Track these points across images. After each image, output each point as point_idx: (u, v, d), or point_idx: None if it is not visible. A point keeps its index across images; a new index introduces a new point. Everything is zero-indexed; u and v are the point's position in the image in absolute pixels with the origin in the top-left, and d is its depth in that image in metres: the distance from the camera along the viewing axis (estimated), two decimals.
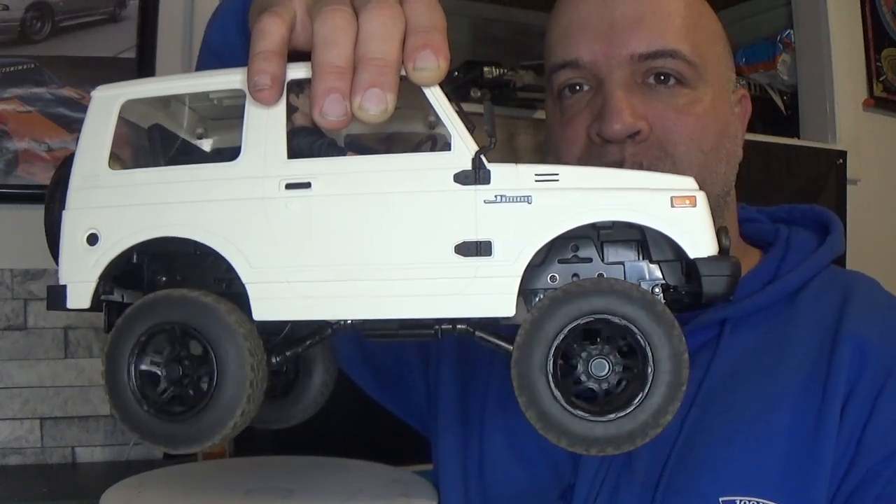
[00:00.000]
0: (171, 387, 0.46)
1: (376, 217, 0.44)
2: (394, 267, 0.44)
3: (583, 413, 0.42)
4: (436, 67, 0.45)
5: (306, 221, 0.45)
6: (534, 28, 2.48)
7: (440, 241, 0.44)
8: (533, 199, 0.44)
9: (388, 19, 0.45)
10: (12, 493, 1.31)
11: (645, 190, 0.43)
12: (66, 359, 1.49)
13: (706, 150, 0.75)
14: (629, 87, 0.74)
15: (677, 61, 0.74)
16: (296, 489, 0.67)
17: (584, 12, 0.77)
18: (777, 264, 0.80)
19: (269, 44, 0.45)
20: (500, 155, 1.80)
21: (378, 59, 0.44)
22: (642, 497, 0.73)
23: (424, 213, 0.44)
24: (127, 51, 1.52)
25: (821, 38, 2.21)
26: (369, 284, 0.44)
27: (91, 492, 0.85)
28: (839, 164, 2.20)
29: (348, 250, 0.44)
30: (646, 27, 0.74)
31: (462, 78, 1.87)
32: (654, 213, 0.43)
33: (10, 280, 1.46)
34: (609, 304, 0.42)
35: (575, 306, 0.43)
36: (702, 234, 0.43)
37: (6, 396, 1.45)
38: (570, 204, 0.43)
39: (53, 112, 1.48)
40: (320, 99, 0.44)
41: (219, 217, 0.46)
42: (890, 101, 2.35)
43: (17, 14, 1.47)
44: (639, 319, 0.42)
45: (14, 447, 1.45)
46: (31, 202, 1.47)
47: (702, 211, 0.44)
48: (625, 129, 0.72)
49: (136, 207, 0.47)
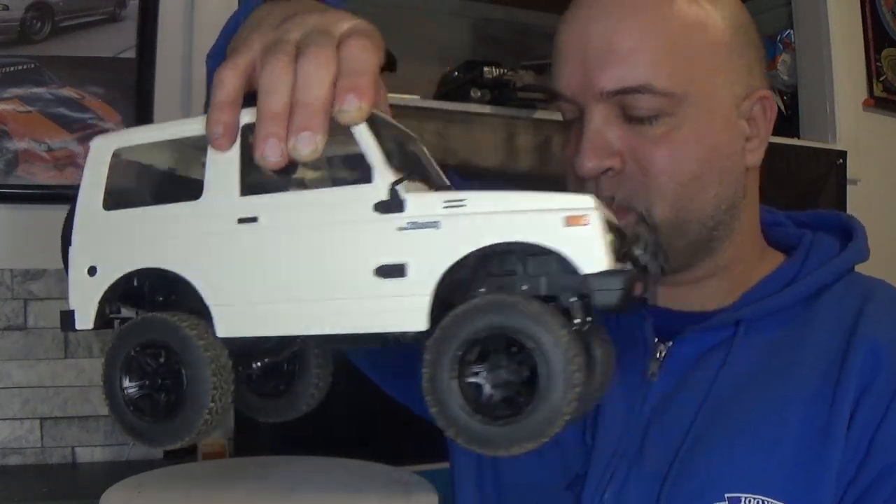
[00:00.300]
0: (151, 393, 0.54)
1: (310, 245, 0.51)
2: (327, 289, 0.51)
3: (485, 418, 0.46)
4: (357, 109, 0.49)
5: (256, 251, 0.52)
6: (534, 28, 2.48)
7: (363, 265, 0.50)
8: (441, 224, 0.49)
9: (320, 65, 0.50)
10: (12, 493, 1.31)
11: (543, 211, 0.48)
12: (66, 359, 1.49)
13: (684, 182, 0.75)
14: (607, 120, 0.74)
15: (649, 96, 0.73)
16: (296, 489, 0.67)
17: (565, 39, 0.77)
18: (798, 268, 0.80)
19: (223, 95, 0.51)
20: (501, 155, 1.80)
21: (309, 104, 0.49)
22: (650, 489, 0.74)
23: (349, 240, 0.50)
24: (127, 51, 1.52)
25: (821, 38, 2.21)
26: (309, 304, 0.52)
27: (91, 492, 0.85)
28: (839, 164, 2.20)
29: (291, 275, 0.52)
30: (616, 62, 0.73)
31: (462, 78, 1.88)
32: (548, 233, 0.47)
33: (10, 280, 1.46)
34: (503, 319, 0.46)
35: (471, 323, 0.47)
36: (593, 251, 0.46)
37: (6, 396, 1.45)
38: (473, 228, 0.48)
39: (53, 112, 1.48)
40: (261, 143, 0.49)
41: (186, 250, 0.54)
42: (890, 101, 2.35)
43: (17, 14, 1.47)
44: (527, 329, 0.46)
45: (14, 447, 1.45)
46: (31, 202, 1.47)
47: (593, 229, 0.47)
48: (592, 170, 0.74)
49: (122, 244, 0.56)
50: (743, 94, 0.78)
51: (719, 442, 0.73)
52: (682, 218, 0.75)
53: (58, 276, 1.48)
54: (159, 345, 0.53)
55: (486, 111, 1.79)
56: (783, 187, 2.11)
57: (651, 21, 0.73)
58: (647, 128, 0.74)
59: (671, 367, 0.79)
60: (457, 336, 0.47)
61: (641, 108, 0.73)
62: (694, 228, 0.76)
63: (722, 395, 0.75)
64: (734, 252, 0.81)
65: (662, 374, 0.79)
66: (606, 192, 0.74)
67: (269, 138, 0.49)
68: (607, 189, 0.74)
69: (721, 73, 0.76)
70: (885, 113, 2.36)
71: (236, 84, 0.52)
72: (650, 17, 0.74)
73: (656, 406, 0.78)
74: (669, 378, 0.78)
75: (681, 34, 0.74)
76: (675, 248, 0.75)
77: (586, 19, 0.75)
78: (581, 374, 0.45)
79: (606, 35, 0.73)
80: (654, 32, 0.73)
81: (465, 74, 1.87)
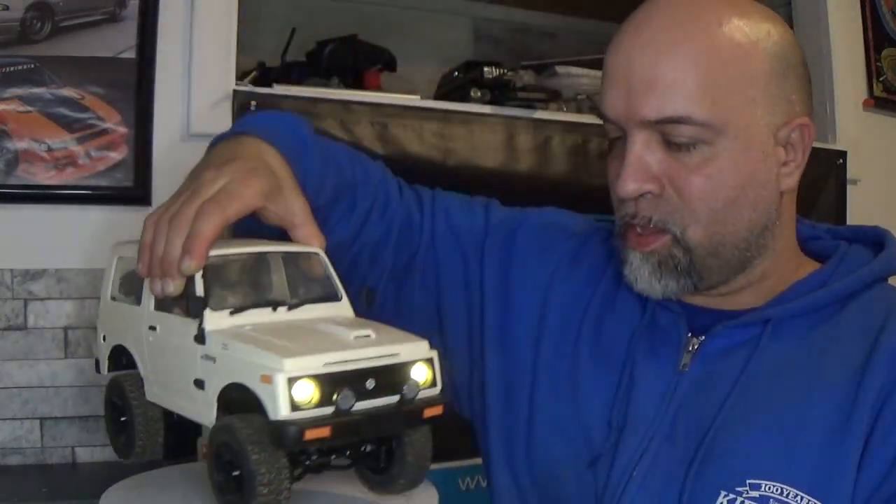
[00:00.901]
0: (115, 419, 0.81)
1: (174, 354, 0.71)
2: (178, 385, 0.71)
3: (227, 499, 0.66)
4: (186, 267, 0.67)
5: (154, 348, 0.75)
6: (534, 28, 2.49)
7: (190, 375, 0.69)
8: (217, 360, 0.67)
9: (176, 229, 0.69)
10: (12, 493, 1.31)
11: (256, 366, 0.63)
12: (66, 359, 1.49)
13: (718, 208, 0.79)
14: (647, 146, 0.79)
15: (689, 127, 0.77)
16: (296, 488, 0.67)
17: (612, 64, 0.81)
18: (829, 274, 0.85)
19: (144, 238, 0.71)
20: (501, 155, 1.80)
21: (166, 260, 0.69)
22: (677, 469, 0.80)
23: (186, 357, 0.70)
24: (127, 51, 1.52)
25: (821, 38, 2.21)
26: (172, 392, 0.73)
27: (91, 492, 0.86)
28: (839, 164, 2.20)
29: (166, 370, 0.73)
30: (657, 93, 0.77)
31: (462, 78, 1.87)
32: (256, 383, 0.63)
33: (10, 280, 1.46)
34: (226, 437, 0.64)
35: (214, 434, 0.66)
36: (275, 402, 0.61)
37: (6, 396, 1.45)
38: (229, 367, 0.66)
39: (53, 112, 1.48)
40: (148, 283, 0.71)
41: (133, 337, 0.78)
42: (890, 101, 2.35)
43: (17, 14, 1.47)
44: (236, 446, 0.63)
45: (14, 447, 1.46)
46: (31, 202, 1.47)
47: (276, 387, 0.61)
48: (630, 193, 0.80)
49: (114, 324, 0.82)
50: (781, 122, 0.80)
51: (744, 430, 0.78)
52: (715, 241, 0.81)
53: (58, 276, 1.48)
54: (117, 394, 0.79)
55: (486, 111, 1.79)
56: None
57: (693, 54, 0.77)
58: (686, 155, 0.78)
59: (702, 359, 0.84)
60: (212, 441, 0.66)
61: (681, 137, 0.78)
62: (727, 250, 0.81)
63: (749, 385, 0.80)
64: (768, 267, 0.85)
65: (694, 365, 0.84)
66: (644, 212, 0.81)
67: (153, 279, 0.70)
68: (645, 210, 0.81)
69: (760, 103, 0.79)
70: (885, 113, 2.35)
71: (148, 238, 0.71)
72: (693, 50, 0.77)
73: (687, 392, 0.83)
74: (700, 368, 0.84)
75: (721, 67, 0.77)
76: (708, 267, 0.82)
77: (631, 48, 0.79)
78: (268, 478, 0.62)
79: (649, 66, 0.77)
80: (695, 65, 0.77)
81: (465, 74, 1.86)
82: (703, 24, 0.78)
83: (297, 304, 0.73)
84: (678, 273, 0.82)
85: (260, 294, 0.74)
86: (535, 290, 0.97)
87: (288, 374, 0.61)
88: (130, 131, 1.51)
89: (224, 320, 0.69)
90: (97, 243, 1.50)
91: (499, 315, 0.97)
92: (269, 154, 0.80)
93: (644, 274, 0.83)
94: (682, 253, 0.81)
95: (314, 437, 0.62)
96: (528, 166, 1.81)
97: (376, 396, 0.65)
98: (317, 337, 0.68)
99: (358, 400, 0.64)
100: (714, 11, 0.78)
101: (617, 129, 0.82)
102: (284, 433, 0.61)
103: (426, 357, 0.69)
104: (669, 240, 0.81)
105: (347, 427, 0.64)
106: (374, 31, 1.95)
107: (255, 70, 1.71)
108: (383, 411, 0.66)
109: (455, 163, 1.74)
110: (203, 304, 0.68)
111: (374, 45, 1.88)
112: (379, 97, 1.73)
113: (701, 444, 0.79)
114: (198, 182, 0.74)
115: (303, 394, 0.62)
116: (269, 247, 0.76)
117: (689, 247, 0.81)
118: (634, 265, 0.83)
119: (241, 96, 1.54)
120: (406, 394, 0.67)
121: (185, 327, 0.70)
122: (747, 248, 0.82)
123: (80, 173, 1.49)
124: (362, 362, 0.65)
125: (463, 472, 1.68)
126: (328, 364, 0.63)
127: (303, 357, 0.63)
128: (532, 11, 2.48)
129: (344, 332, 0.67)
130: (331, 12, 2.20)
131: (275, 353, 0.63)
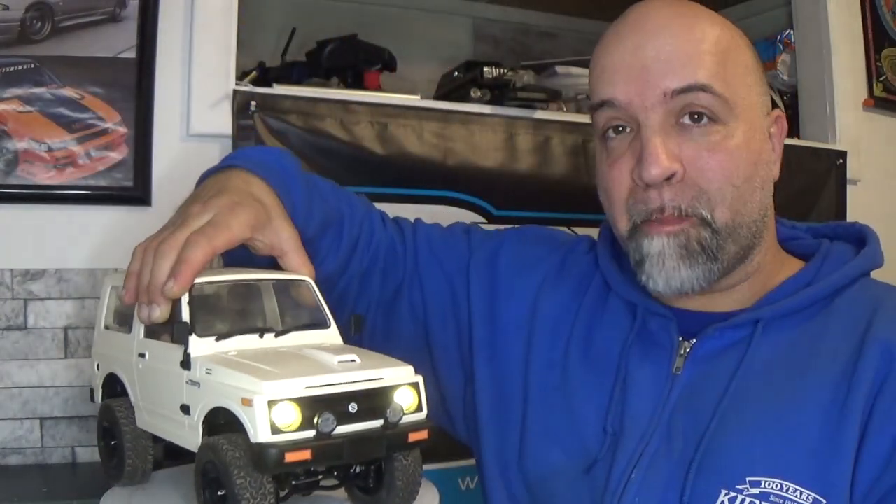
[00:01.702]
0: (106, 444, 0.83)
1: (163, 380, 0.73)
2: (166, 411, 0.73)
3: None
4: (170, 291, 0.69)
5: (143, 375, 0.76)
6: (534, 28, 2.49)
7: (177, 401, 0.71)
8: (201, 385, 0.68)
9: (163, 256, 0.71)
10: (12, 493, 1.31)
11: (237, 389, 0.64)
12: (66, 359, 1.49)
13: (739, 185, 0.82)
14: (664, 130, 0.81)
15: (709, 96, 0.80)
16: None
17: (618, 57, 0.83)
18: (815, 272, 0.86)
19: (132, 267, 0.74)
20: (501, 155, 1.80)
21: (151, 286, 0.70)
22: (676, 471, 0.81)
23: (173, 383, 0.71)
24: (127, 51, 1.52)
25: (821, 38, 2.21)
26: (160, 418, 0.75)
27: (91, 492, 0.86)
28: (839, 164, 2.19)
29: (154, 396, 0.75)
30: (677, 65, 0.80)
31: (462, 78, 1.87)
32: (237, 406, 0.64)
33: (10, 280, 1.46)
34: (211, 458, 0.66)
35: (201, 453, 0.68)
36: (255, 425, 0.62)
37: (6, 396, 1.45)
38: (213, 391, 0.67)
39: (53, 112, 1.47)
40: (136, 311, 0.73)
41: (123, 365, 0.80)
42: (890, 101, 2.35)
43: (17, 14, 1.47)
44: (220, 466, 0.64)
45: (14, 447, 1.45)
46: (31, 202, 1.47)
47: (256, 410, 0.62)
48: (661, 173, 0.79)
49: (106, 352, 0.84)
50: (765, 112, 0.87)
51: (740, 428, 0.79)
52: (737, 221, 0.83)
53: (58, 276, 1.48)
54: (107, 419, 0.81)
55: (486, 111, 1.79)
56: (783, 187, 2.10)
57: (705, 35, 0.82)
58: (702, 136, 0.81)
59: (695, 362, 0.85)
60: (199, 459, 0.68)
61: (702, 108, 0.80)
62: (743, 232, 0.84)
63: (743, 385, 0.81)
64: (761, 259, 0.88)
65: (686, 368, 0.85)
66: (673, 202, 0.81)
67: (140, 306, 0.72)
68: (673, 199, 0.81)
69: (755, 89, 0.85)
70: (885, 113, 2.35)
71: (135, 269, 0.73)
72: (704, 32, 0.82)
73: (682, 395, 0.84)
74: (693, 371, 0.85)
75: (726, 51, 0.83)
76: (727, 251, 0.83)
77: (640, 37, 0.83)
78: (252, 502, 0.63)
79: (666, 47, 0.81)
80: (707, 47, 0.82)
81: (465, 74, 1.86)
82: (705, 16, 0.84)
83: (285, 331, 0.74)
84: (706, 257, 0.82)
85: (247, 321, 0.75)
86: (522, 304, 0.98)
87: (268, 397, 0.62)
88: (130, 131, 1.51)
89: (209, 346, 0.70)
90: (97, 243, 1.50)
91: (488, 332, 0.98)
92: (257, 185, 0.81)
93: (671, 261, 0.82)
94: (711, 234, 0.82)
95: (295, 460, 0.62)
96: (528, 166, 1.81)
97: (359, 420, 0.66)
98: (300, 361, 0.69)
99: (340, 423, 0.64)
100: (704, 9, 0.86)
101: (623, 119, 0.83)
102: (265, 456, 0.61)
103: (411, 381, 0.69)
104: (697, 221, 0.81)
105: (329, 450, 0.64)
106: (374, 31, 1.95)
107: (255, 70, 1.71)
108: (366, 435, 0.66)
109: (455, 163, 1.74)
110: (189, 330, 0.70)
111: (374, 45, 1.88)
112: (379, 97, 1.73)
113: (699, 445, 0.80)
114: (186, 214, 0.76)
115: (283, 417, 0.62)
116: (257, 275, 0.78)
117: (716, 228, 0.82)
118: (659, 252, 0.82)
119: (241, 96, 1.54)
120: (390, 418, 0.67)
121: (172, 353, 0.71)
122: (755, 233, 0.85)
123: (80, 173, 1.49)
124: (345, 386, 0.65)
125: (463, 472, 1.68)
126: (309, 387, 0.64)
127: (283, 380, 0.63)
128: (532, 11, 2.48)
129: (328, 357, 0.68)
130: (331, 12, 2.20)
131: (255, 377, 0.64)
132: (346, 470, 0.71)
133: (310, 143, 1.59)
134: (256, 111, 1.53)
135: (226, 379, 0.66)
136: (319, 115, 1.60)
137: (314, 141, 1.59)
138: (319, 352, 0.70)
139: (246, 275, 0.77)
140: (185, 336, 0.70)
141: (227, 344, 0.71)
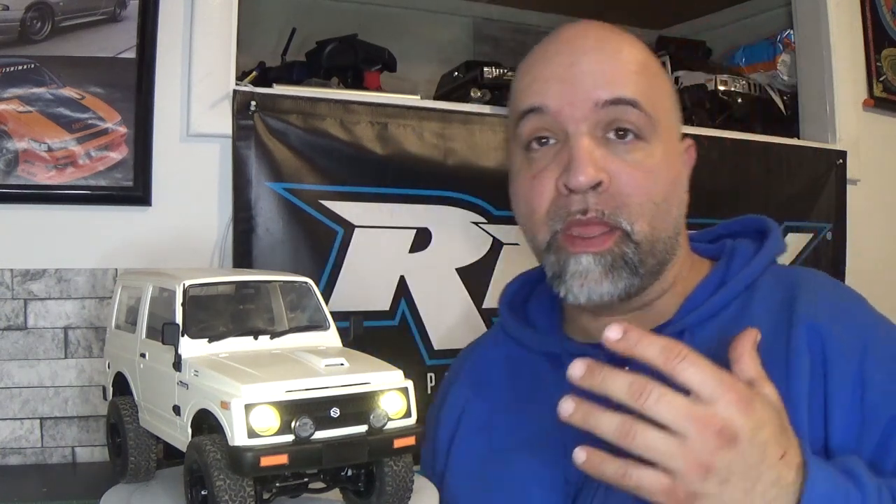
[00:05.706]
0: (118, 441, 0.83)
1: (158, 380, 0.74)
2: (163, 409, 0.74)
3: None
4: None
5: (144, 374, 0.78)
6: (534, 28, 2.49)
7: (169, 402, 0.72)
8: (189, 386, 0.69)
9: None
10: (12, 493, 1.31)
11: (218, 392, 0.65)
12: (66, 359, 1.49)
13: (658, 202, 0.85)
14: (592, 138, 0.83)
15: (637, 112, 0.83)
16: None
17: (549, 70, 0.86)
18: (723, 272, 0.90)
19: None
20: (501, 155, 1.80)
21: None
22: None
23: (166, 383, 0.72)
24: (127, 51, 1.52)
25: (821, 38, 2.21)
26: (158, 417, 0.76)
27: (91, 492, 0.86)
28: (839, 164, 2.19)
29: (152, 396, 0.76)
30: (608, 78, 0.84)
31: (462, 78, 1.88)
32: (217, 409, 0.64)
33: (10, 280, 1.46)
34: (196, 458, 0.66)
35: (189, 452, 0.68)
36: (232, 428, 0.63)
37: (6, 396, 1.45)
38: (199, 392, 0.67)
39: (53, 112, 1.47)
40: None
41: (128, 363, 0.81)
42: (890, 101, 2.35)
43: (17, 14, 1.47)
44: (204, 468, 0.65)
45: (14, 447, 1.45)
46: (31, 202, 1.47)
47: (233, 413, 0.62)
48: (588, 180, 0.81)
49: (115, 351, 0.86)
50: (680, 137, 0.91)
51: None
52: (655, 236, 0.86)
53: (58, 276, 1.48)
54: (114, 416, 0.83)
55: (486, 111, 1.79)
56: (783, 187, 2.11)
57: (634, 59, 0.86)
58: (626, 152, 0.84)
59: None
60: (186, 457, 0.68)
61: (629, 124, 0.84)
62: (660, 248, 0.87)
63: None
64: (677, 273, 0.91)
65: None
66: (595, 206, 0.83)
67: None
68: (597, 205, 0.83)
69: (673, 114, 0.90)
70: (885, 113, 2.35)
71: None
72: (634, 56, 0.87)
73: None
74: None
75: (653, 76, 0.87)
76: (647, 265, 0.86)
77: (573, 54, 0.86)
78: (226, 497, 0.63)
79: (598, 64, 0.85)
80: (637, 67, 0.86)
81: (465, 74, 1.87)
82: (632, 41, 0.89)
83: (280, 333, 0.74)
84: (629, 270, 0.84)
85: (241, 323, 0.75)
86: (448, 425, 1.01)
87: (245, 400, 0.62)
88: (130, 131, 1.51)
89: (202, 348, 0.70)
90: (97, 243, 1.50)
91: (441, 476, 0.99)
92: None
93: (595, 274, 0.84)
94: (633, 249, 0.84)
95: (271, 464, 0.62)
96: None
97: (341, 425, 0.65)
98: (287, 365, 0.69)
99: (320, 428, 0.64)
100: (630, 35, 0.90)
101: (550, 129, 0.85)
102: (241, 459, 0.61)
103: (400, 386, 0.68)
104: (619, 237, 0.84)
105: (306, 455, 0.63)
106: (374, 31, 1.95)
107: (255, 70, 1.71)
108: (347, 440, 0.65)
109: (455, 163, 1.74)
110: (179, 331, 0.70)
111: (374, 45, 1.88)
112: (379, 97, 1.73)
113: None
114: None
115: (260, 421, 0.62)
116: (253, 276, 0.77)
117: (636, 241, 0.84)
118: (584, 267, 0.84)
119: (241, 96, 1.54)
120: (373, 423, 0.66)
121: (167, 355, 0.72)
122: (668, 250, 0.87)
123: (80, 173, 1.49)
124: (328, 390, 0.65)
125: None
126: (289, 391, 0.63)
127: (262, 384, 0.63)
128: (532, 11, 2.48)
129: (316, 361, 0.68)
130: (331, 12, 2.20)
131: (235, 380, 0.64)
132: (335, 473, 0.71)
133: (310, 143, 1.59)
134: (256, 111, 1.54)
135: (210, 381, 0.66)
136: (319, 115, 1.60)
137: (314, 141, 1.59)
138: (309, 355, 0.69)
139: (242, 276, 0.77)
140: (175, 337, 0.70)
141: (220, 346, 0.71)
